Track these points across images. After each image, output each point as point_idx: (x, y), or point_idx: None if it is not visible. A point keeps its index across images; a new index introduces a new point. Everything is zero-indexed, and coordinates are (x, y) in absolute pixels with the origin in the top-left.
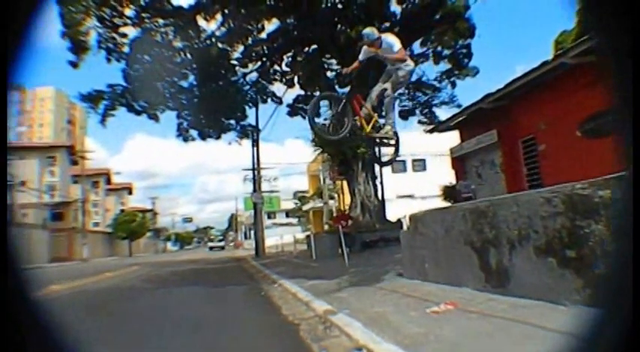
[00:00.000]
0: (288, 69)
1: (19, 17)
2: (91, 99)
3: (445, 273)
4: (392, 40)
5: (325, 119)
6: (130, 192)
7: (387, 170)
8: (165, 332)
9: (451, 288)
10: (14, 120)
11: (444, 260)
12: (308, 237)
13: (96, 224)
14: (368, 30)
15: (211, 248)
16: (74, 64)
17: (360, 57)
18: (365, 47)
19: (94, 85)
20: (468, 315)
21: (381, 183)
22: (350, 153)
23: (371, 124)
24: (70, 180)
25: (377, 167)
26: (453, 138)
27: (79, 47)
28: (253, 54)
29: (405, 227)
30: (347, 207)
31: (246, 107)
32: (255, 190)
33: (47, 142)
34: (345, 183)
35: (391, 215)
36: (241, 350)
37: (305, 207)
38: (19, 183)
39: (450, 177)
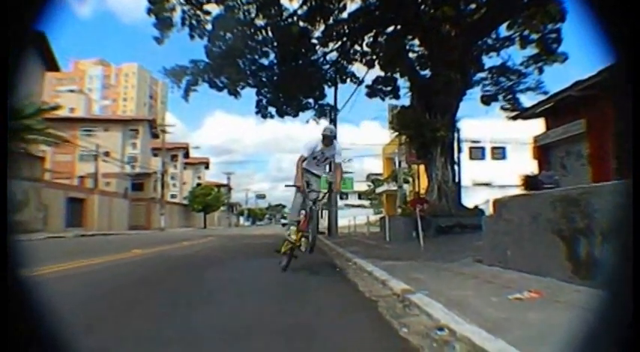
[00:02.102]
0: (368, 49)
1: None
2: (175, 74)
3: (528, 261)
4: (340, 148)
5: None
6: (207, 167)
7: (464, 156)
8: (248, 296)
9: (534, 277)
10: (99, 94)
11: (528, 248)
12: (382, 218)
13: (173, 196)
14: (333, 127)
15: (284, 224)
16: (159, 40)
17: (307, 153)
18: (320, 142)
19: (175, 62)
20: (554, 305)
21: (459, 169)
22: (429, 136)
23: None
24: (150, 153)
25: (456, 152)
26: (536, 126)
27: (163, 24)
28: (334, 33)
29: (485, 213)
30: (422, 191)
31: (325, 86)
32: (330, 170)
33: (130, 116)
34: (421, 167)
35: (468, 202)
36: (324, 321)
37: (378, 190)
38: (104, 153)
39: (531, 167)
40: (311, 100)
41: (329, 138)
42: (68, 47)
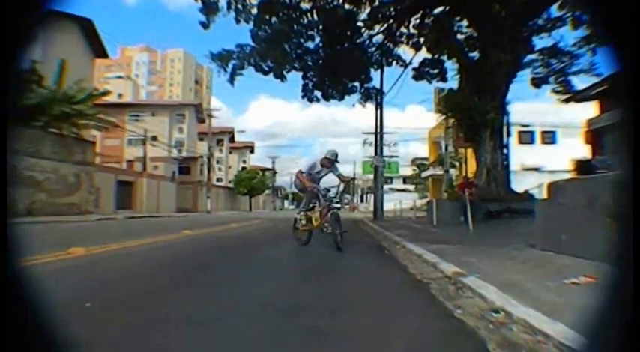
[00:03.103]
0: (415, 31)
1: None
2: (221, 58)
3: (583, 246)
4: (340, 171)
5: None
6: (252, 151)
7: (513, 140)
8: (302, 276)
9: (589, 262)
10: (146, 80)
11: (583, 232)
12: (429, 202)
13: (219, 179)
14: (336, 151)
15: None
16: (205, 25)
17: (304, 170)
18: (319, 162)
19: (220, 47)
20: None
21: (508, 153)
22: (479, 119)
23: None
24: (196, 137)
25: (505, 135)
26: (589, 109)
27: (210, 8)
28: (380, 15)
29: (536, 198)
30: (471, 176)
31: (371, 69)
32: (376, 153)
33: (177, 101)
34: (469, 151)
35: (517, 187)
36: (379, 300)
37: (424, 174)
38: (151, 137)
39: (583, 151)
40: (357, 84)
41: (330, 161)
42: (115, 34)
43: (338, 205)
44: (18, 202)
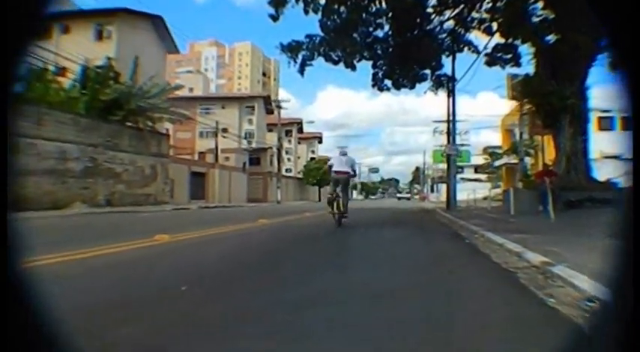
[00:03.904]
0: (487, 15)
1: None
2: (291, 49)
3: None
4: (352, 159)
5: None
6: (320, 141)
7: (592, 127)
8: (388, 263)
9: None
10: (215, 74)
11: None
12: (505, 191)
13: (288, 170)
14: (345, 149)
15: (399, 198)
16: (274, 18)
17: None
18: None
19: (285, 39)
20: None
21: (588, 139)
22: (558, 105)
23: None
24: (265, 128)
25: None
26: None
27: (278, 1)
28: (450, 1)
29: (619, 186)
30: (549, 163)
31: (442, 56)
32: (448, 142)
33: (246, 93)
34: (546, 138)
35: (597, 175)
36: (469, 288)
37: (496, 163)
38: (222, 129)
39: None
40: (428, 71)
41: (343, 153)
42: (184, 30)
43: (408, 195)
44: (99, 193)
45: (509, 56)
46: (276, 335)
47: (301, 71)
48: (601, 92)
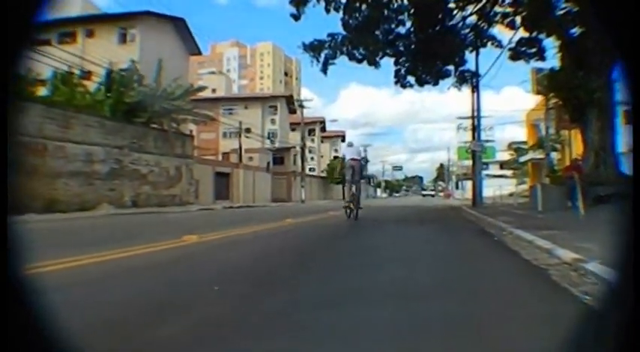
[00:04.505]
0: (510, 9)
1: None
2: (314, 48)
3: None
4: (359, 149)
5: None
6: (343, 140)
7: (620, 120)
8: (419, 261)
9: None
10: (237, 74)
11: None
12: (532, 187)
13: (311, 169)
14: (351, 141)
15: (424, 195)
16: (295, 17)
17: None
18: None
19: (306, 38)
20: None
21: (616, 133)
22: (585, 99)
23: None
24: (288, 128)
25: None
26: None
27: (300, 0)
28: None
29: None
30: (577, 158)
31: (466, 52)
32: (473, 138)
33: (268, 93)
34: (572, 133)
35: (627, 169)
36: (502, 285)
37: (522, 159)
38: (245, 129)
39: None
40: (451, 67)
41: (349, 144)
42: (206, 31)
43: (432, 192)
44: (125, 195)
45: (534, 50)
46: (305, 334)
47: (324, 70)
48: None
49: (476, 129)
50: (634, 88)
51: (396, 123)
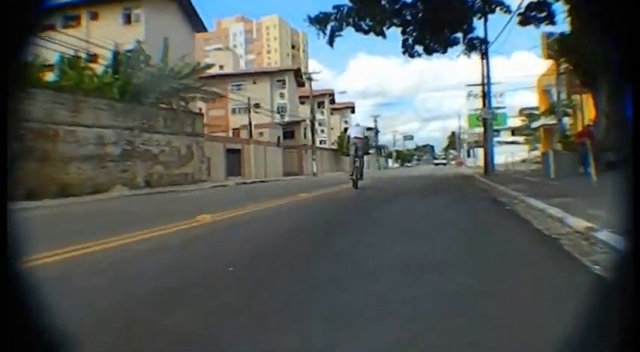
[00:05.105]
0: None
1: None
2: (320, 21)
3: None
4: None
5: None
6: (353, 111)
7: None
8: (435, 231)
9: None
10: (243, 49)
11: None
12: (544, 154)
13: (322, 141)
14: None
15: (436, 164)
16: None
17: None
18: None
19: (313, 11)
20: None
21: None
22: (597, 64)
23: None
24: (297, 101)
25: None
26: None
27: None
28: None
29: None
30: (590, 124)
31: (474, 19)
32: (484, 105)
33: (276, 67)
34: (584, 98)
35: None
36: (515, 256)
37: (533, 125)
38: (254, 105)
39: None
40: (459, 35)
41: (357, 124)
42: (210, 8)
43: (444, 161)
44: (137, 175)
45: (544, 15)
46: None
47: (330, 42)
48: None
49: (486, 96)
50: (634, 87)
51: (407, 92)
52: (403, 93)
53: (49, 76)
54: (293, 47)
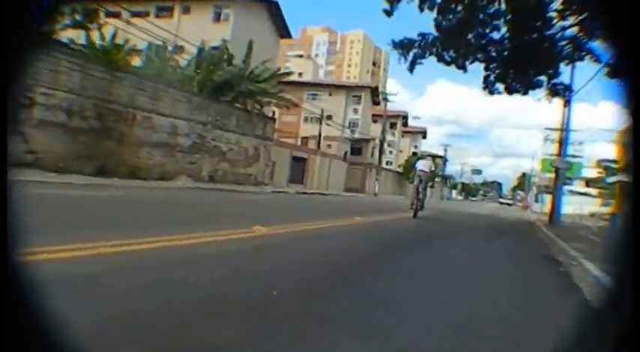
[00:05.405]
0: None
1: None
2: (403, 46)
3: None
4: (429, 162)
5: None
6: (424, 137)
7: None
8: (478, 286)
9: None
10: (324, 60)
11: None
12: (613, 215)
13: (388, 162)
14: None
15: (501, 203)
16: (388, 13)
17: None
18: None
19: (397, 33)
20: None
21: None
22: None
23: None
24: (370, 119)
25: None
26: None
27: None
28: (574, 6)
29: None
30: None
31: (561, 64)
32: (559, 154)
33: (354, 82)
34: None
35: None
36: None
37: (610, 180)
38: (327, 116)
39: None
40: (543, 78)
41: (423, 157)
42: (297, 15)
43: (510, 202)
44: (203, 169)
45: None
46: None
47: (411, 69)
48: None
49: (562, 145)
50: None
51: (483, 124)
52: (479, 125)
53: (136, 61)
54: (374, 64)
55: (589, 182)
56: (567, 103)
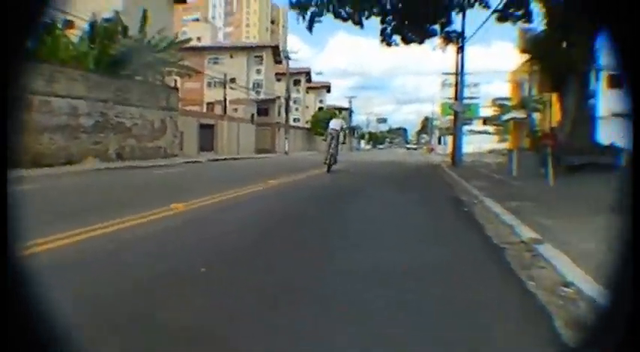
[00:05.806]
0: None
1: None
2: (301, 6)
3: None
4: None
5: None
6: (329, 91)
7: (602, 84)
8: (388, 232)
9: None
10: (222, 21)
11: None
12: (510, 151)
13: (296, 120)
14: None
15: (408, 148)
16: None
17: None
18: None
19: None
20: None
21: (596, 101)
22: (565, 68)
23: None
24: (274, 79)
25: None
26: None
27: None
28: None
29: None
30: (555, 124)
31: (452, 12)
32: (456, 98)
33: (254, 43)
34: (554, 95)
35: (604, 136)
36: (456, 266)
37: (505, 117)
38: (230, 80)
39: None
40: (437, 27)
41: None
42: None
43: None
44: (110, 148)
45: (521, 12)
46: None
47: (310, 27)
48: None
49: (459, 89)
50: (634, 86)
51: (385, 73)
52: (381, 75)
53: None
54: (272, 22)
55: (486, 120)
56: (460, 50)
